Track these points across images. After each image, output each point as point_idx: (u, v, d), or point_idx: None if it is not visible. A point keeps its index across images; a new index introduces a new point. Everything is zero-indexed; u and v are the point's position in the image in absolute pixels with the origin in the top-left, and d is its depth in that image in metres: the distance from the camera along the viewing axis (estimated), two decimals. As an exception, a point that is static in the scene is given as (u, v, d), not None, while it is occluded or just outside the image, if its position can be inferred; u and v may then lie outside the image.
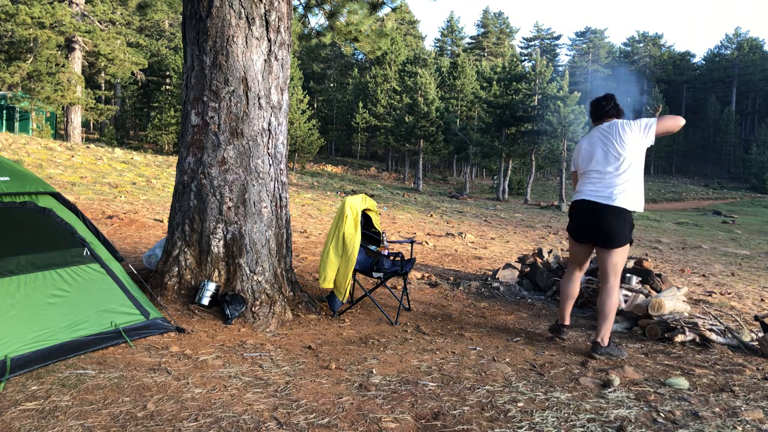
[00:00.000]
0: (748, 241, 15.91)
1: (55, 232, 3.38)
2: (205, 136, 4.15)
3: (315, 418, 2.53)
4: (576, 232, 3.96)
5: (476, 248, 9.55)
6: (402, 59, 44.68)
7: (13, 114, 27.62)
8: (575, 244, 4.03)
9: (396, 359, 3.48)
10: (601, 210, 3.72)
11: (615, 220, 3.69)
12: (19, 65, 24.56)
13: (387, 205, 17.76)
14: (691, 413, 2.73)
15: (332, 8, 7.21)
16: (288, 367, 3.21)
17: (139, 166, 18.01)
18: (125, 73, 31.05)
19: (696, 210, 32.49)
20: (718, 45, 73.78)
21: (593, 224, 3.79)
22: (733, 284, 7.37)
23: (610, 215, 3.69)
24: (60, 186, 11.37)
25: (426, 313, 4.82)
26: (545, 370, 3.36)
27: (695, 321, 4.16)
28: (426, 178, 41.75)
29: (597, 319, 3.84)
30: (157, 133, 35.21)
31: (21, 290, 3.08)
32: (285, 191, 4.52)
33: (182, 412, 2.52)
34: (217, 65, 4.10)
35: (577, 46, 78.24)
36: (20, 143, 17.64)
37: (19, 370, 2.82)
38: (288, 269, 4.53)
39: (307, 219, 11.83)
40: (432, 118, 34.48)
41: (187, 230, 4.20)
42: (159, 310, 3.80)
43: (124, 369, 2.98)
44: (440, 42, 68.95)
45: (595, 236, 3.82)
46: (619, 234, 3.71)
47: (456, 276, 6.55)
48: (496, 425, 2.53)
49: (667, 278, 5.67)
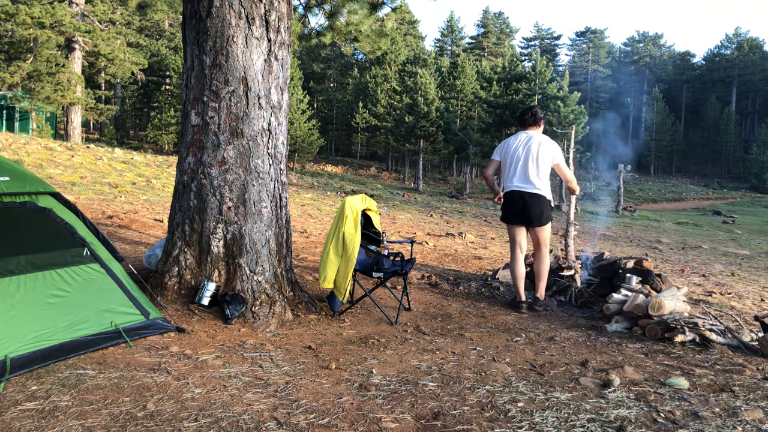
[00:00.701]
0: (748, 241, 15.91)
1: (55, 232, 3.38)
2: (205, 136, 4.15)
3: (315, 418, 2.53)
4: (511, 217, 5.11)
5: (476, 248, 9.55)
6: (402, 59, 44.64)
7: (13, 114, 27.62)
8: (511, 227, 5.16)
9: (396, 359, 3.48)
10: (530, 197, 4.95)
11: (539, 205, 4.95)
12: (19, 65, 24.56)
13: (387, 205, 17.76)
14: (691, 413, 2.73)
15: (332, 8, 7.21)
16: (288, 367, 3.21)
17: (139, 166, 18.01)
18: (125, 73, 31.06)
19: (696, 210, 32.50)
20: (718, 45, 73.75)
21: (523, 209, 4.99)
22: (733, 284, 7.37)
23: (536, 202, 4.95)
24: (60, 186, 11.37)
25: (426, 313, 4.82)
26: (545, 370, 3.36)
27: (695, 321, 4.16)
28: (426, 178, 41.72)
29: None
30: (157, 133, 35.19)
31: (21, 290, 3.08)
32: (285, 191, 4.52)
33: (182, 412, 2.52)
34: (217, 65, 4.10)
35: (577, 46, 78.19)
36: (20, 143, 17.64)
37: (19, 370, 2.82)
38: (288, 269, 4.53)
39: (307, 219, 11.83)
40: (432, 118, 34.46)
41: (187, 230, 4.20)
42: (159, 310, 3.80)
43: (124, 369, 2.98)
44: (440, 42, 68.92)
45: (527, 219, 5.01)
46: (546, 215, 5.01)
47: (456, 276, 6.55)
48: (496, 425, 2.53)
49: (667, 278, 5.67)
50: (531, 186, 4.93)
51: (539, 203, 4.94)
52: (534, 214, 4.94)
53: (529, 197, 4.93)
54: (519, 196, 4.97)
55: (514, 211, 5.03)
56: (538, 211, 4.95)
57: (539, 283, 5.08)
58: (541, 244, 5.05)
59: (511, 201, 5.02)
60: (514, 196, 5.00)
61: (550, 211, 5.04)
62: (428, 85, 34.98)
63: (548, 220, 5.03)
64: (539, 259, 5.09)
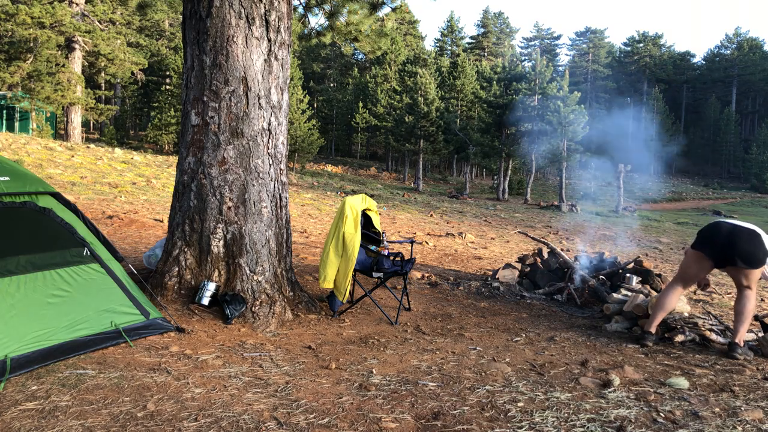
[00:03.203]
0: (748, 241, 15.86)
1: (55, 232, 3.38)
2: (205, 136, 4.15)
3: (315, 418, 2.53)
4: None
5: (476, 248, 9.55)
6: (402, 59, 44.63)
7: (13, 114, 27.60)
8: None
9: (396, 359, 3.48)
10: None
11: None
12: (19, 65, 24.54)
13: (387, 205, 17.76)
14: (691, 413, 2.73)
15: (332, 8, 7.20)
16: (288, 367, 3.21)
17: (139, 166, 18.01)
18: (125, 73, 31.06)
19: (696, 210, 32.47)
20: (718, 45, 73.71)
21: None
22: (733, 284, 7.36)
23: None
24: (60, 186, 11.37)
25: (426, 313, 4.82)
26: (545, 370, 3.36)
27: (695, 321, 4.16)
28: (426, 178, 41.71)
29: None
30: (157, 133, 35.16)
31: (21, 290, 3.08)
32: (285, 191, 4.51)
33: (182, 412, 2.52)
34: (217, 65, 4.10)
35: (577, 46, 78.16)
36: (20, 143, 17.64)
37: (19, 370, 2.81)
38: (288, 269, 4.53)
39: (307, 219, 11.83)
40: (432, 118, 34.44)
41: (187, 230, 4.20)
42: (159, 310, 3.80)
43: (124, 369, 2.98)
44: (440, 42, 68.88)
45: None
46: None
47: (456, 276, 6.55)
48: (496, 425, 2.53)
49: (667, 278, 5.67)
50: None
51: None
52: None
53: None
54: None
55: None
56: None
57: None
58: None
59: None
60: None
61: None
62: (428, 85, 34.96)
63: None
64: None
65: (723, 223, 4.09)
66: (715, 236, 4.03)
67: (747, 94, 68.13)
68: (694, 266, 4.13)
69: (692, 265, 4.13)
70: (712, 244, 4.03)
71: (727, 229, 4.01)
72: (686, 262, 4.19)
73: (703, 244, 4.06)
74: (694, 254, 4.10)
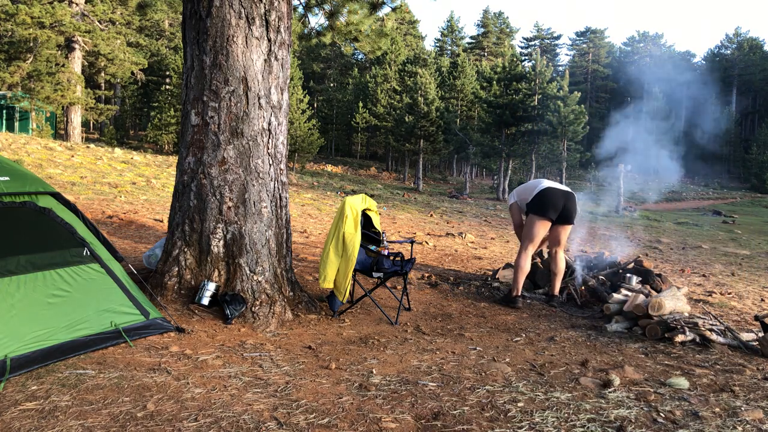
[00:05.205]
0: (748, 241, 15.90)
1: (55, 232, 3.37)
2: (205, 136, 4.15)
3: (315, 418, 2.53)
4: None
5: (476, 248, 9.55)
6: (402, 59, 44.61)
7: (13, 114, 27.59)
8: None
9: (396, 359, 3.48)
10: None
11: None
12: (19, 65, 24.53)
13: (387, 205, 17.76)
14: (691, 413, 2.73)
15: (332, 8, 7.21)
16: (288, 367, 3.21)
17: (139, 165, 18.01)
18: (125, 73, 31.03)
19: (696, 210, 32.46)
20: (718, 45, 73.63)
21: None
22: (733, 284, 7.36)
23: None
24: (60, 186, 11.37)
25: (426, 313, 4.82)
26: (545, 370, 3.36)
27: (695, 321, 4.16)
28: (426, 178, 41.69)
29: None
30: (157, 133, 35.14)
31: (21, 290, 3.08)
32: (285, 191, 4.51)
33: (182, 412, 2.52)
34: (217, 65, 4.10)
35: (577, 46, 78.11)
36: (20, 143, 17.64)
37: (19, 370, 2.81)
38: (288, 269, 4.53)
39: (307, 219, 11.83)
40: (432, 118, 34.44)
41: (187, 230, 4.20)
42: (159, 310, 3.80)
43: (124, 369, 2.98)
44: (440, 42, 68.88)
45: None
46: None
47: (456, 276, 6.55)
48: (496, 425, 2.53)
49: (667, 278, 5.68)
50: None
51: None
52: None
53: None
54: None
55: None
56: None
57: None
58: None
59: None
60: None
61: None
62: (428, 85, 34.96)
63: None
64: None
65: (555, 189, 4.97)
66: (557, 201, 4.92)
67: (747, 94, 68.14)
68: (542, 230, 5.02)
69: (540, 230, 5.02)
70: (555, 209, 4.91)
71: (561, 194, 4.95)
72: (535, 228, 5.04)
73: (548, 211, 4.91)
74: (541, 221, 4.98)
